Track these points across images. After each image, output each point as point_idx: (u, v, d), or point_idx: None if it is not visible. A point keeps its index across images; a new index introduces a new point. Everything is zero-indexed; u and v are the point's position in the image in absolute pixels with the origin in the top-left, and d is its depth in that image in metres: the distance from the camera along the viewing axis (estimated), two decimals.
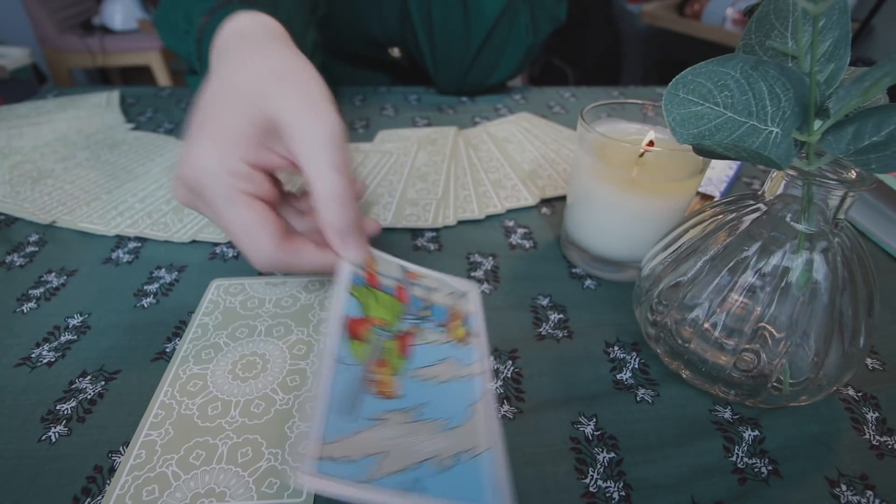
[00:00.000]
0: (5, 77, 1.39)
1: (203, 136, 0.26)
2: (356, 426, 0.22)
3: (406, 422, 0.23)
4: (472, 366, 0.27)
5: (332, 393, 0.22)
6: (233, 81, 0.28)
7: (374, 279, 0.29)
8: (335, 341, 0.24)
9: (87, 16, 1.97)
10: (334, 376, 0.23)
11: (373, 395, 0.23)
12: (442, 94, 0.65)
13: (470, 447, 0.23)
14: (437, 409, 0.24)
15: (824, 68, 0.20)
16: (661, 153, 0.31)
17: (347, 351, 0.24)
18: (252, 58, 0.29)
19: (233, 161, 0.26)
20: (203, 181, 0.26)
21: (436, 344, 0.27)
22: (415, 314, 0.29)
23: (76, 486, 0.22)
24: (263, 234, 0.27)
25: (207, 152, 0.26)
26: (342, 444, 0.21)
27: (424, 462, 0.22)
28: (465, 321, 0.30)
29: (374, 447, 0.21)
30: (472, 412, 0.24)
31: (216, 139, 0.26)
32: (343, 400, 0.22)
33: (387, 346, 0.26)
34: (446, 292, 0.31)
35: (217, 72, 0.29)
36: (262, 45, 0.30)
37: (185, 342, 0.29)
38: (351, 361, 0.24)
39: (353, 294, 0.27)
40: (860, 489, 0.23)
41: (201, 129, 0.27)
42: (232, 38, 0.31)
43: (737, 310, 0.24)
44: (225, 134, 0.26)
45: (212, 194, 0.26)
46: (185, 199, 0.28)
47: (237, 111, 0.27)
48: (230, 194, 0.26)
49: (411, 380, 0.25)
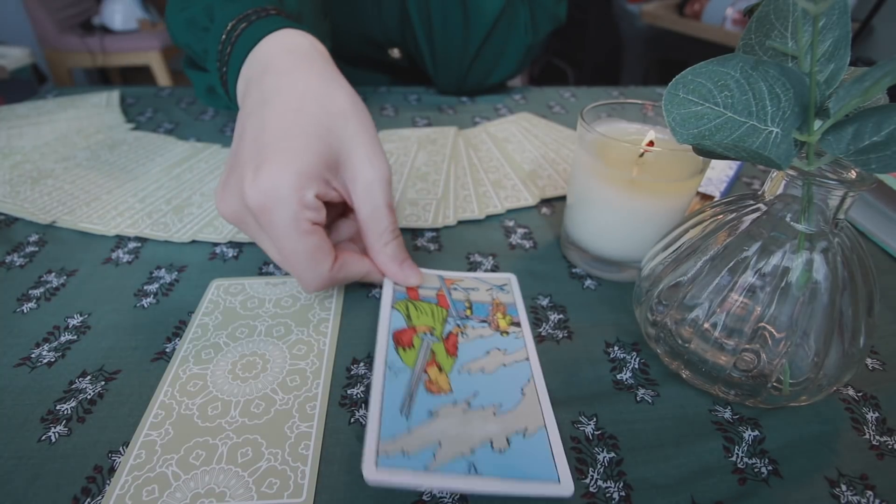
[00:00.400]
0: (5, 77, 1.40)
1: (279, 164, 0.26)
2: (411, 423, 0.23)
3: (460, 412, 0.25)
4: (517, 352, 0.29)
5: (385, 396, 0.24)
6: (304, 110, 0.28)
7: (415, 291, 0.32)
8: (384, 351, 0.27)
9: (87, 16, 1.97)
10: (384, 382, 0.25)
11: (425, 393, 0.25)
12: (442, 94, 0.65)
13: (523, 427, 0.24)
14: (488, 396, 0.26)
15: (824, 68, 0.20)
16: (661, 153, 0.31)
17: (396, 357, 0.27)
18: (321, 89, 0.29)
19: (307, 194, 0.27)
20: (270, 206, 0.26)
21: (480, 338, 0.29)
22: (457, 316, 0.31)
23: (76, 486, 0.22)
24: (323, 258, 0.28)
25: (284, 180, 0.26)
26: (398, 441, 0.23)
27: (479, 447, 0.23)
28: (506, 311, 0.31)
29: (429, 440, 0.23)
30: (522, 395, 0.26)
31: (294, 170, 0.26)
32: (397, 402, 0.24)
33: (434, 349, 0.28)
34: (485, 289, 0.33)
35: (286, 93, 0.29)
36: (321, 73, 0.30)
37: (185, 342, 0.29)
38: (401, 366, 0.26)
39: (397, 308, 0.30)
40: (860, 489, 0.23)
41: (276, 153, 0.26)
42: (288, 57, 0.31)
43: (737, 310, 0.24)
44: (302, 167, 0.26)
45: (277, 220, 0.26)
46: (234, 216, 0.28)
47: (310, 144, 0.27)
48: (298, 224, 0.26)
49: (460, 374, 0.27)
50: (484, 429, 0.24)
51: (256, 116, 0.28)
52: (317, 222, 0.27)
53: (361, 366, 0.29)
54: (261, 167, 0.26)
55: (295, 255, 0.27)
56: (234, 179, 0.27)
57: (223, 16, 0.35)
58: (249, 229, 0.28)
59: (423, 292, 0.32)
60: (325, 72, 0.30)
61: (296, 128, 0.27)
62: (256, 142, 0.27)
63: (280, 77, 0.29)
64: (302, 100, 0.28)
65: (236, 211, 0.28)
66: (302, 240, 0.27)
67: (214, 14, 0.36)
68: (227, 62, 0.34)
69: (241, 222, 0.28)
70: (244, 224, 0.28)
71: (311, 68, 0.30)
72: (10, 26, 1.89)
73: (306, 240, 0.27)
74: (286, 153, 0.26)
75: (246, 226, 0.28)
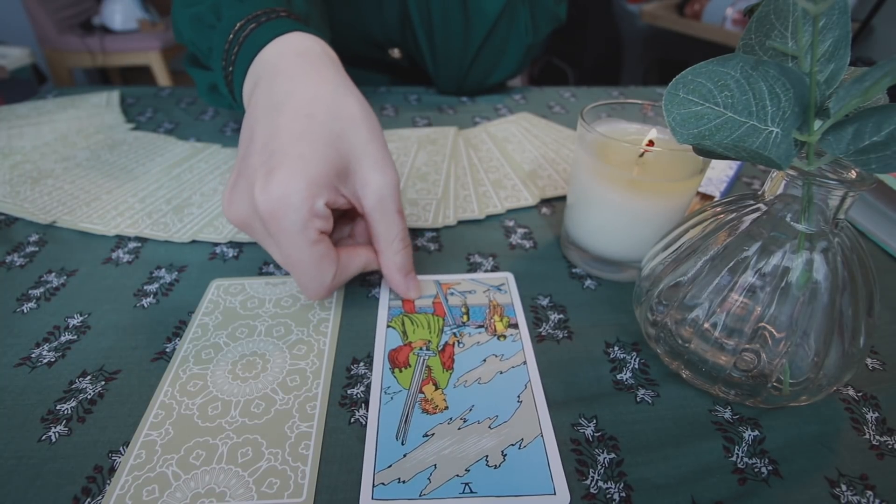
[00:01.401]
0: (5, 77, 1.39)
1: (291, 170, 0.26)
2: (406, 448, 0.24)
3: (454, 430, 0.25)
4: (514, 357, 0.29)
5: (381, 424, 0.25)
6: (314, 116, 0.28)
7: (411, 304, 0.32)
8: (380, 374, 0.27)
9: (87, 16, 1.97)
10: (381, 407, 0.26)
11: (421, 414, 0.25)
12: (442, 94, 0.65)
13: (518, 439, 0.24)
14: (484, 408, 0.26)
15: (824, 68, 0.20)
16: (661, 153, 0.31)
17: (392, 380, 0.27)
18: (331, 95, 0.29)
19: (318, 202, 0.26)
20: (281, 214, 0.26)
21: (477, 346, 0.29)
22: (454, 323, 0.31)
23: (76, 486, 0.22)
24: (328, 266, 0.28)
25: (296, 188, 0.26)
26: (394, 468, 0.23)
27: (474, 465, 0.23)
28: (503, 313, 0.32)
29: (424, 463, 0.23)
30: (518, 403, 0.26)
31: (306, 177, 0.26)
32: (392, 427, 0.25)
33: (430, 364, 0.28)
34: (482, 290, 0.34)
35: (296, 98, 0.28)
36: (332, 79, 0.30)
37: (185, 342, 0.29)
38: (397, 389, 0.27)
39: (392, 326, 0.31)
40: (860, 489, 0.23)
41: (288, 159, 0.26)
42: (298, 61, 0.31)
43: (737, 310, 0.24)
44: (314, 175, 0.26)
45: (287, 228, 0.26)
46: (242, 221, 0.28)
47: (321, 151, 0.27)
48: (306, 232, 0.26)
49: (455, 388, 0.27)
50: (479, 445, 0.24)
51: (267, 120, 0.28)
52: (324, 231, 0.27)
53: (361, 366, 0.29)
54: (272, 173, 0.26)
55: (301, 264, 0.27)
56: (243, 184, 0.27)
57: (231, 15, 0.35)
58: (256, 234, 0.28)
59: (419, 302, 0.32)
60: (335, 77, 0.30)
61: (308, 134, 0.27)
62: (267, 147, 0.27)
63: (291, 81, 0.29)
64: (313, 105, 0.28)
65: (245, 216, 0.27)
66: (309, 249, 0.27)
67: (222, 12, 0.36)
68: (234, 62, 0.34)
69: (248, 227, 0.28)
70: (251, 229, 0.28)
71: (322, 73, 0.30)
72: (10, 26, 1.89)
73: (313, 249, 0.27)
74: (298, 160, 0.26)
75: (253, 231, 0.28)
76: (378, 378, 0.27)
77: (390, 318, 0.31)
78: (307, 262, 0.27)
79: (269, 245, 0.28)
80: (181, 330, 0.30)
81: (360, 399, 0.27)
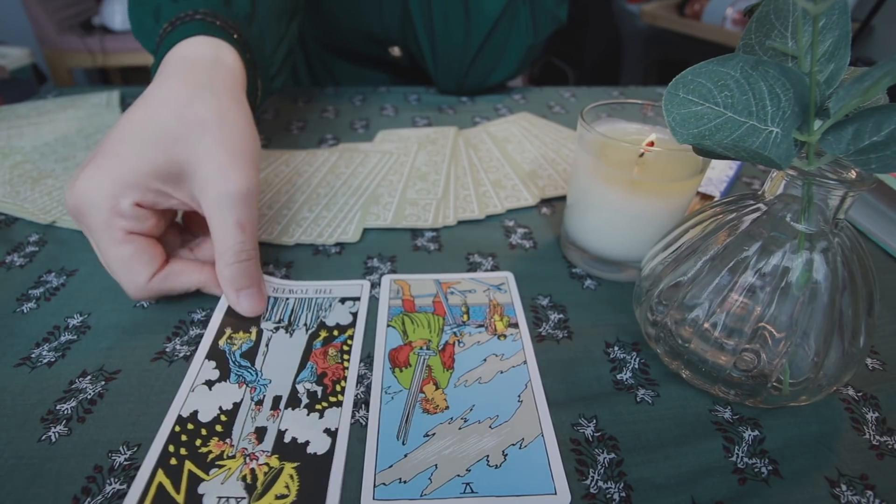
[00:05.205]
0: (5, 77, 1.39)
1: (99, 168, 0.26)
2: (406, 449, 0.24)
3: (455, 430, 0.25)
4: (514, 357, 0.29)
5: (382, 424, 0.25)
6: (153, 117, 0.28)
7: (411, 303, 0.32)
8: (380, 374, 0.27)
9: (87, 16, 1.97)
10: (381, 406, 0.26)
11: (422, 413, 0.25)
12: (442, 94, 0.65)
13: (519, 439, 0.24)
14: (484, 408, 0.26)
15: (824, 68, 0.20)
16: (661, 153, 0.31)
17: (393, 380, 0.27)
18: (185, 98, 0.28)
19: (122, 202, 0.27)
20: (83, 210, 0.26)
21: (477, 345, 0.29)
22: (454, 322, 0.31)
23: (76, 486, 0.22)
24: (139, 269, 0.28)
25: (97, 185, 0.26)
26: (395, 469, 0.23)
27: (475, 465, 0.23)
28: (503, 313, 0.32)
29: (425, 463, 0.23)
30: (518, 402, 0.26)
31: (111, 176, 0.26)
32: (393, 427, 0.25)
33: (431, 363, 0.28)
34: (482, 290, 0.33)
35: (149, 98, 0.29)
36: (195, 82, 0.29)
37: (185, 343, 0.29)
38: (397, 389, 0.27)
39: (392, 325, 0.30)
40: (860, 489, 0.23)
41: (103, 157, 0.27)
42: (177, 64, 0.30)
43: (737, 310, 0.24)
44: (122, 174, 0.26)
45: (89, 224, 0.27)
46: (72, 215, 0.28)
47: (143, 153, 0.27)
48: (110, 231, 0.27)
49: (456, 388, 0.27)
50: (479, 444, 0.24)
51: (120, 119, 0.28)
52: (135, 231, 0.28)
53: (362, 365, 0.29)
54: (83, 170, 0.27)
55: (110, 261, 0.28)
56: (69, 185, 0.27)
57: (165, 16, 0.34)
58: (83, 229, 0.28)
59: (419, 301, 0.32)
60: (201, 81, 0.30)
61: (134, 134, 0.27)
62: (98, 144, 0.28)
63: (159, 83, 0.29)
64: (159, 107, 0.28)
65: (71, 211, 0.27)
66: (114, 247, 0.27)
67: (161, 14, 0.35)
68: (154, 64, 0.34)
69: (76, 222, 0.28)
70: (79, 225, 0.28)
71: (189, 78, 0.30)
72: (10, 26, 1.89)
73: (119, 248, 0.27)
74: (111, 158, 0.27)
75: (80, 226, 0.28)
76: (378, 378, 0.27)
77: (390, 318, 0.31)
78: (114, 260, 0.28)
79: (93, 244, 0.29)
80: (181, 330, 0.30)
81: (360, 399, 0.27)
